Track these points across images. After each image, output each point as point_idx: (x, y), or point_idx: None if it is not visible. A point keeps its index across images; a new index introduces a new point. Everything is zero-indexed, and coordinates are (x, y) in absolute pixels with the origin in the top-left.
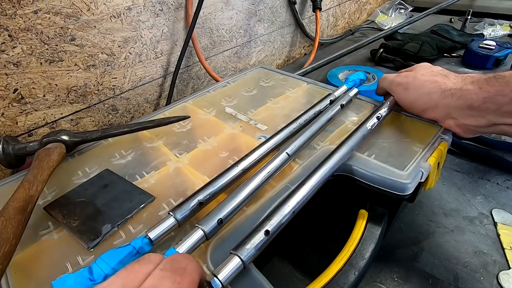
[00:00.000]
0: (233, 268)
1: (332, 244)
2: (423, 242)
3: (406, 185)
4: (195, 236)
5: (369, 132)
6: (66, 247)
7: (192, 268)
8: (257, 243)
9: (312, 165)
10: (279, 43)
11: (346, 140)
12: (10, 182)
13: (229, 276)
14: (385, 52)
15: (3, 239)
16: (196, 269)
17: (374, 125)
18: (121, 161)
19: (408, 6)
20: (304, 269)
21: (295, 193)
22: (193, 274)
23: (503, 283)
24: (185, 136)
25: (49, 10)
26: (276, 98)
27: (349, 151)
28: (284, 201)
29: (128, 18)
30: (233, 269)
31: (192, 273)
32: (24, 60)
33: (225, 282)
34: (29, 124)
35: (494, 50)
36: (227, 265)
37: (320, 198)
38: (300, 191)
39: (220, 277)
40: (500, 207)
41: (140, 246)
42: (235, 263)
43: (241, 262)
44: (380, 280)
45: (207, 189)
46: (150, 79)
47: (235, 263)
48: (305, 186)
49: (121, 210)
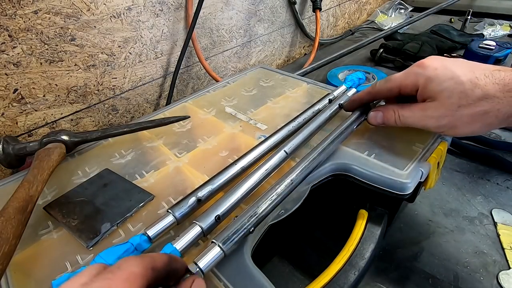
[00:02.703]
0: (212, 254)
1: (332, 244)
2: (423, 242)
3: (406, 184)
4: (192, 232)
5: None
6: (66, 246)
7: (129, 264)
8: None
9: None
10: (279, 43)
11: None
12: (10, 182)
13: (210, 263)
14: (385, 52)
15: (3, 239)
16: (135, 263)
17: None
18: (121, 161)
19: (408, 6)
20: (304, 269)
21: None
22: (129, 268)
23: (503, 283)
24: (185, 135)
25: (49, 10)
26: (276, 98)
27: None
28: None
29: (128, 18)
30: (212, 255)
31: (127, 268)
32: (24, 60)
33: (204, 267)
34: (29, 124)
35: (494, 50)
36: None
37: (320, 198)
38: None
39: (197, 261)
40: (500, 207)
41: (138, 243)
42: (216, 251)
43: (219, 248)
44: (380, 280)
45: (205, 187)
46: (150, 79)
47: (216, 251)
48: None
49: (121, 209)
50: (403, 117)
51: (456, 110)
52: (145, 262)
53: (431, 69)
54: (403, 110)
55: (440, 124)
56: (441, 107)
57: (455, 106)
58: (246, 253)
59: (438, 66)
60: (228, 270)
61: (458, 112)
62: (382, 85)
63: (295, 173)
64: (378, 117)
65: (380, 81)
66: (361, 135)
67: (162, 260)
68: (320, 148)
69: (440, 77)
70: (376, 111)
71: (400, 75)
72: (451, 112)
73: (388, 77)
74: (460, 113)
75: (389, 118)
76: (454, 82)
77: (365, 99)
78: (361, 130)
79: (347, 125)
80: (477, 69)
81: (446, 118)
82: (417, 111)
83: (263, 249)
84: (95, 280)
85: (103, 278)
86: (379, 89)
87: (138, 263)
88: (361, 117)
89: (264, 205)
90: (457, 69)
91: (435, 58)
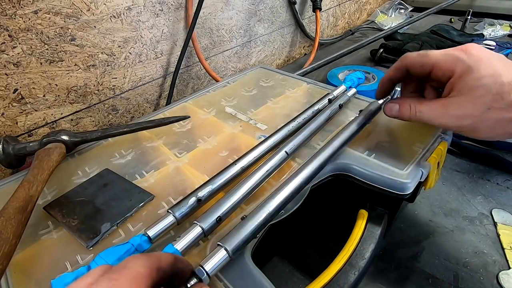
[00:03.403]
0: (218, 257)
1: (332, 244)
2: (423, 242)
3: (406, 184)
4: (193, 232)
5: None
6: (66, 246)
7: (135, 264)
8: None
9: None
10: (279, 43)
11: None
12: (10, 182)
13: (215, 266)
14: (385, 52)
15: (3, 239)
16: (141, 263)
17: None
18: (121, 161)
19: (408, 6)
20: (304, 269)
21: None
22: (135, 268)
23: (503, 283)
24: (185, 135)
25: (49, 10)
26: (276, 98)
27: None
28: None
29: (128, 18)
30: (218, 258)
31: (133, 267)
32: (24, 60)
33: (210, 271)
34: (29, 124)
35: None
36: (214, 256)
37: (320, 198)
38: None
39: (203, 264)
40: (500, 207)
41: (139, 244)
42: (222, 254)
43: (225, 252)
44: (380, 280)
45: (205, 187)
46: (150, 79)
47: (222, 254)
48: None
49: (120, 209)
50: (420, 113)
51: (485, 112)
52: (151, 261)
53: (475, 59)
54: (421, 105)
55: (462, 124)
56: (468, 105)
57: (485, 107)
58: (246, 253)
59: (483, 57)
60: (228, 270)
61: (486, 114)
62: (414, 58)
63: (301, 177)
64: (394, 110)
65: (412, 53)
66: (361, 135)
67: (168, 260)
68: (326, 153)
69: (481, 71)
70: (393, 103)
71: (438, 54)
72: (479, 113)
73: (423, 52)
74: (488, 116)
75: (404, 112)
76: (493, 81)
77: (393, 76)
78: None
79: (353, 129)
80: None
81: (470, 119)
82: (437, 107)
83: (263, 249)
84: (101, 280)
85: (109, 278)
86: (409, 62)
87: (144, 263)
88: (368, 121)
89: (271, 210)
90: (501, 66)
91: (480, 47)
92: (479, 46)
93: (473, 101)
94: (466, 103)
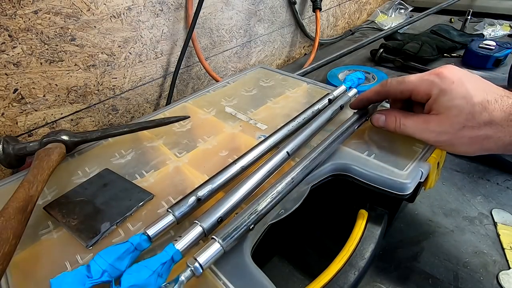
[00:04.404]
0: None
1: (332, 244)
2: (423, 242)
3: (406, 184)
4: (194, 232)
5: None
6: (66, 246)
7: None
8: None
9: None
10: (279, 43)
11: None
12: (10, 182)
13: (208, 258)
14: (385, 52)
15: (3, 239)
16: None
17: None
18: (121, 161)
19: (408, 6)
20: (304, 269)
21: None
22: None
23: (503, 283)
24: (185, 135)
25: (49, 10)
26: (276, 98)
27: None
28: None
29: (128, 18)
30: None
31: None
32: (24, 60)
33: (203, 262)
34: (29, 124)
35: (494, 50)
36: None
37: (320, 198)
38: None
39: (196, 256)
40: (500, 207)
41: (138, 243)
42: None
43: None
44: (380, 280)
45: (205, 187)
46: (150, 79)
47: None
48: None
49: (120, 208)
50: (403, 126)
51: (459, 130)
52: None
53: (448, 82)
54: (405, 119)
55: (439, 140)
56: (445, 123)
57: (460, 125)
58: (246, 253)
59: (455, 80)
60: (229, 269)
61: (461, 132)
62: (394, 86)
63: (295, 172)
64: (381, 120)
65: (392, 80)
66: (361, 135)
67: None
68: (321, 148)
69: (454, 93)
70: (380, 114)
71: (415, 80)
72: (454, 131)
73: (401, 79)
74: (462, 134)
75: (389, 124)
76: (465, 102)
77: (373, 99)
78: (361, 130)
79: (348, 125)
80: (490, 92)
81: (446, 135)
82: (419, 123)
83: (263, 248)
84: None
85: None
86: (389, 89)
87: None
88: (362, 118)
89: (264, 203)
90: (472, 87)
91: (453, 69)
92: (453, 68)
93: (449, 120)
94: (444, 120)
